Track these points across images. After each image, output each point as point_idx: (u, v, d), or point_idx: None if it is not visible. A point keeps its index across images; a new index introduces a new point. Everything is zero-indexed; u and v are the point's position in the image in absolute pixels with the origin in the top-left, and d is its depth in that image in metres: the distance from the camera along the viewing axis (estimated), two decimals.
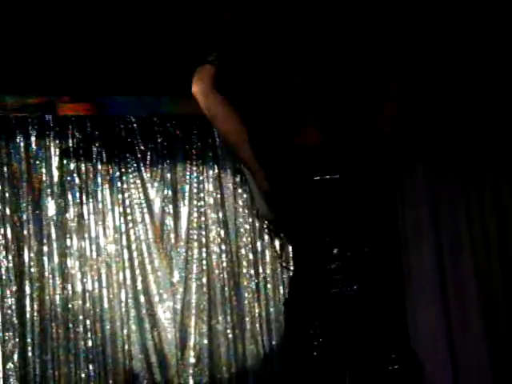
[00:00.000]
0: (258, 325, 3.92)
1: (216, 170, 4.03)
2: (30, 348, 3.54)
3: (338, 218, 1.76)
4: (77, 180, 3.80)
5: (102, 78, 3.74)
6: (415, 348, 1.74)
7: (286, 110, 1.82)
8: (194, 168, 4.01)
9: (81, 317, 3.61)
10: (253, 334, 3.89)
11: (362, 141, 1.86)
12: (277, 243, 3.96)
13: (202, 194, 4.00)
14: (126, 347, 3.66)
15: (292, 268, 1.92)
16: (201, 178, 4.01)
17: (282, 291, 3.98)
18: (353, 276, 1.71)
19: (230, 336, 3.85)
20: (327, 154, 1.79)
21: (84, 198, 3.78)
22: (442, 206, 3.68)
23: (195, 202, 3.98)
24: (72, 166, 3.80)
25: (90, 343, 3.59)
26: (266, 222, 1.89)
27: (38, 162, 3.75)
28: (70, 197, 3.77)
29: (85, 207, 3.77)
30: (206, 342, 3.82)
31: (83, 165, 3.83)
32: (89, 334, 3.60)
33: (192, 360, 3.80)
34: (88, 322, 3.61)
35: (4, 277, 3.60)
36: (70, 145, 3.83)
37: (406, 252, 3.64)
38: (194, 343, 3.81)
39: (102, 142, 3.85)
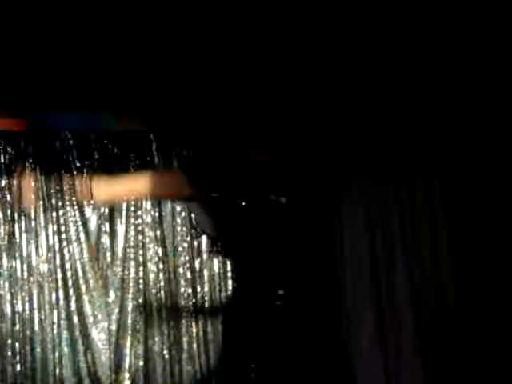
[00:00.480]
0: (195, 345, 3.86)
1: None
2: None
3: (283, 242, 1.76)
4: (8, 197, 3.67)
5: (37, 93, 3.66)
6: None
7: (235, 130, 1.81)
8: None
9: (9, 340, 3.47)
10: (190, 355, 3.84)
11: (309, 161, 1.89)
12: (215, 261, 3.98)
13: (139, 212, 3.93)
14: (58, 371, 3.54)
15: (232, 286, 1.91)
16: None
17: (220, 311, 3.96)
18: (294, 300, 1.71)
19: (167, 357, 3.79)
20: (274, 171, 1.80)
21: (16, 215, 3.66)
22: (376, 216, 3.75)
23: (132, 220, 3.92)
24: (3, 182, 3.67)
25: (18, 368, 3.45)
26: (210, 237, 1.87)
27: None
28: (0, 214, 3.64)
29: (16, 225, 3.65)
30: (141, 363, 3.75)
31: (15, 181, 3.69)
32: (17, 358, 3.47)
33: (127, 382, 3.71)
34: (17, 345, 3.48)
35: None
36: (2, 160, 3.70)
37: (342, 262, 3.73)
38: (130, 365, 3.72)
39: (36, 158, 3.74)
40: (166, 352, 3.79)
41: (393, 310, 3.64)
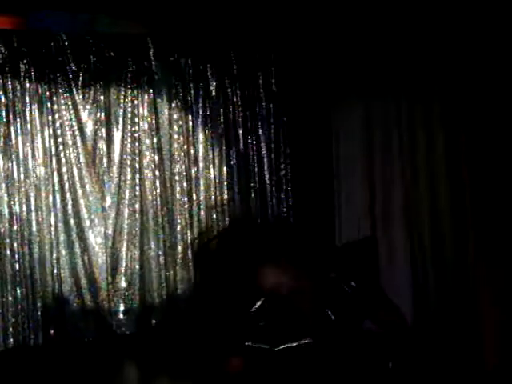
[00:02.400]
0: (190, 251, 3.94)
1: (151, 95, 3.91)
2: None
3: None
4: (3, 98, 3.61)
5: None
6: None
7: None
8: (129, 92, 3.88)
9: (7, 240, 3.52)
10: (184, 261, 3.92)
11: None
12: None
13: (136, 119, 3.89)
14: (55, 271, 3.62)
15: None
16: (135, 102, 3.89)
17: (215, 218, 4.01)
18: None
19: (162, 262, 3.87)
20: None
21: (11, 117, 3.61)
22: (376, 131, 3.73)
23: (129, 127, 3.88)
24: None
25: (17, 266, 3.52)
26: None
27: None
28: None
29: (12, 127, 3.61)
30: (137, 267, 3.82)
31: (10, 82, 3.63)
32: (16, 257, 3.53)
33: (123, 284, 3.81)
34: (15, 244, 3.53)
35: None
36: None
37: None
38: (126, 268, 3.80)
39: (30, 59, 3.65)
40: (161, 257, 3.87)
41: (386, 215, 3.67)
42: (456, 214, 3.49)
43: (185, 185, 3.95)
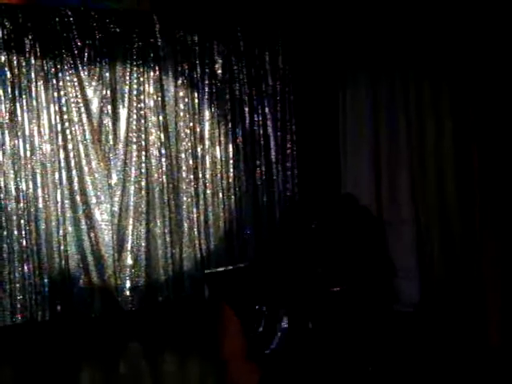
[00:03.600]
0: (195, 229, 3.94)
1: (157, 72, 3.89)
2: None
3: None
4: (8, 74, 3.58)
5: None
6: None
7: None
8: (134, 68, 3.85)
9: (14, 217, 3.52)
10: (190, 238, 3.93)
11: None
12: None
13: (142, 96, 3.87)
14: (62, 247, 3.62)
15: None
16: (141, 79, 3.87)
17: (220, 196, 4.01)
18: None
19: (168, 239, 3.87)
20: None
21: (17, 93, 3.59)
22: (382, 108, 3.70)
23: (135, 104, 3.86)
24: (2, 58, 3.57)
25: (24, 243, 3.52)
26: None
27: None
28: (0, 91, 3.57)
29: (17, 103, 3.58)
30: (143, 244, 3.83)
31: (15, 58, 3.60)
32: (23, 234, 3.53)
33: (129, 262, 3.82)
34: (22, 221, 3.53)
35: None
36: (0, 36, 3.57)
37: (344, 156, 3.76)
38: (132, 245, 3.81)
39: (35, 35, 3.61)
40: (167, 234, 3.87)
41: (393, 199, 3.66)
42: (463, 197, 3.48)
43: (191, 162, 3.95)
